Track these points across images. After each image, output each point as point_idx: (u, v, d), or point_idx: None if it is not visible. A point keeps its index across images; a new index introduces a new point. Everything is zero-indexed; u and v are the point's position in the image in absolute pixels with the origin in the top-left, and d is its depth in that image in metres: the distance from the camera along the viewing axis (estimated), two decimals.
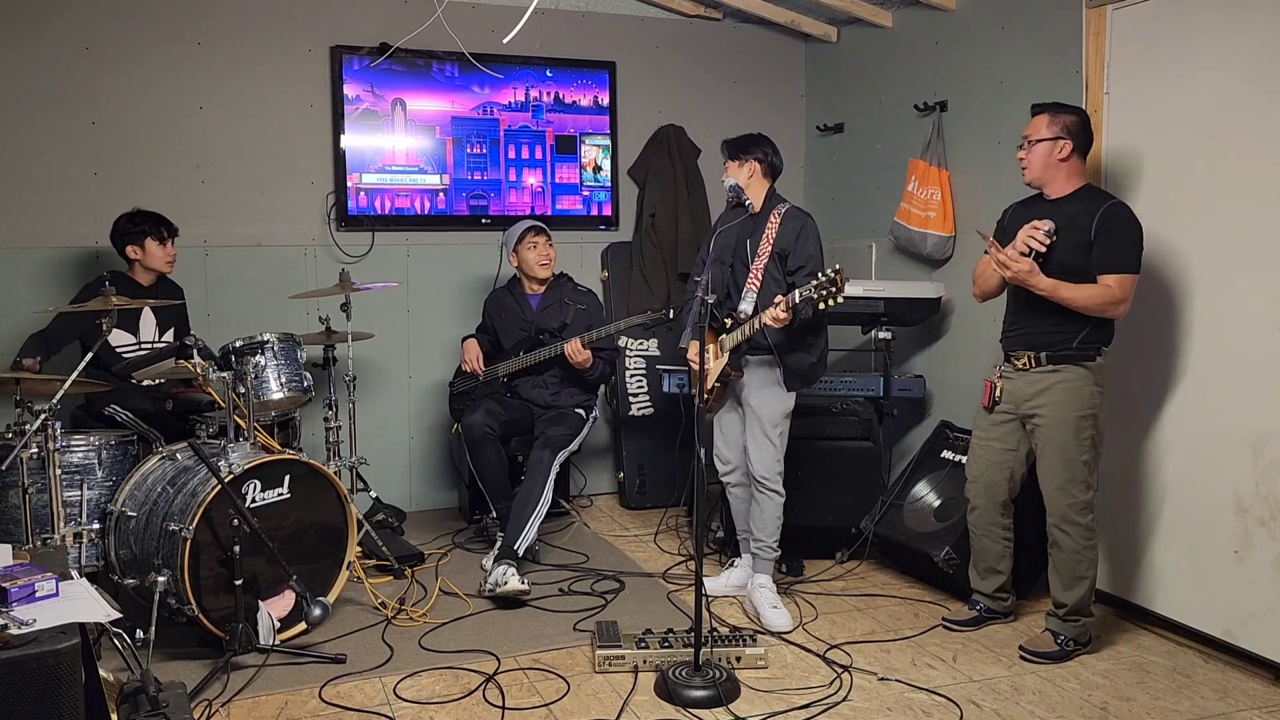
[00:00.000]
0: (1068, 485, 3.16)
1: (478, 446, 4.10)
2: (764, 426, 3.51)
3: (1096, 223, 3.04)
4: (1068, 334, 3.12)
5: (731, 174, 3.53)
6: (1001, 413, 3.30)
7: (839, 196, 5.29)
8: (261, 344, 3.68)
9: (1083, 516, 3.16)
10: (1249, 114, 3.11)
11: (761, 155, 3.53)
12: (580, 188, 5.16)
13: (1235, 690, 3.00)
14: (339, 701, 2.92)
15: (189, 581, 3.02)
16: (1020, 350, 3.22)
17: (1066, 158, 3.12)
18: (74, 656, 1.90)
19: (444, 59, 4.81)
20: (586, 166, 5.15)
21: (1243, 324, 3.14)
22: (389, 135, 4.77)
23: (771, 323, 3.27)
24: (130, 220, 3.97)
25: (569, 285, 4.42)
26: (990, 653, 3.27)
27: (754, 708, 2.87)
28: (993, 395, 3.31)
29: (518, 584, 3.56)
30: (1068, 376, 3.13)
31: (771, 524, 3.58)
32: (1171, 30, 3.33)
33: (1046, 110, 3.16)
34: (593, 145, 5.16)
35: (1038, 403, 3.18)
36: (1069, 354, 3.13)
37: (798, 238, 3.43)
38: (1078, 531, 3.16)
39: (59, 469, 3.18)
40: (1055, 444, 3.15)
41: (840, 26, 5.23)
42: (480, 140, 4.93)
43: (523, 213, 5.01)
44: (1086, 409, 3.14)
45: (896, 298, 4.35)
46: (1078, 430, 3.13)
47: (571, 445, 4.14)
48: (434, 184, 4.88)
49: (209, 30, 4.50)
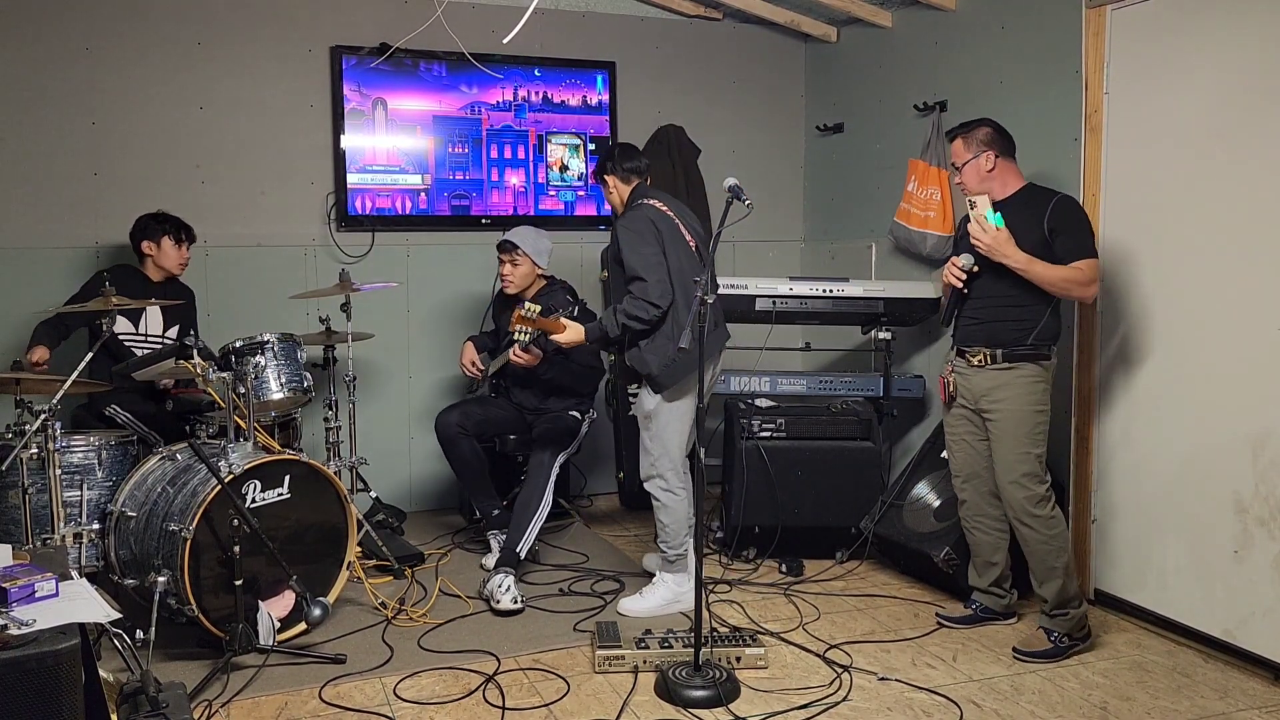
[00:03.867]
0: (1023, 480, 3.21)
1: (449, 445, 4.14)
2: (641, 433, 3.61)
3: (1048, 219, 3.14)
4: (1024, 331, 3.19)
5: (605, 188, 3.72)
6: (960, 406, 3.38)
7: (839, 196, 5.29)
8: (261, 344, 3.68)
9: (1041, 509, 3.21)
10: (1249, 113, 3.11)
11: (612, 166, 3.67)
12: (546, 187, 5.10)
13: (1235, 690, 3.00)
14: (339, 702, 2.92)
15: (189, 581, 3.02)
16: (977, 346, 3.27)
17: (993, 168, 3.23)
18: (74, 656, 1.90)
19: (432, 59, 4.79)
20: (553, 166, 5.10)
21: (1243, 324, 3.14)
22: (369, 135, 4.75)
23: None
24: (154, 218, 4.04)
25: (560, 294, 4.20)
26: (990, 653, 3.27)
27: (754, 708, 2.87)
28: (948, 390, 3.40)
29: (509, 603, 3.56)
30: (1024, 373, 3.21)
31: (659, 527, 3.63)
32: (1171, 30, 3.34)
33: (958, 134, 3.31)
34: (559, 144, 5.09)
35: (993, 398, 3.24)
36: (1024, 351, 3.20)
37: (619, 246, 3.48)
38: (1039, 524, 3.21)
39: (59, 469, 3.18)
40: (1010, 438, 3.22)
41: (840, 27, 5.23)
42: (462, 140, 4.91)
43: (505, 213, 5.00)
44: (1040, 405, 3.22)
45: (896, 298, 4.36)
46: (1032, 425, 3.21)
47: (570, 447, 4.13)
48: (415, 184, 4.85)
49: (209, 30, 4.50)
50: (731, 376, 4.47)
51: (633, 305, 3.38)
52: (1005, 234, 3.11)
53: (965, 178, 3.28)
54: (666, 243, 3.46)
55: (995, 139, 3.25)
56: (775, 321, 4.42)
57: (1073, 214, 3.18)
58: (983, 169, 3.24)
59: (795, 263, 5.56)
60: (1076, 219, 3.18)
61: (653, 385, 3.49)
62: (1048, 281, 3.11)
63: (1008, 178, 3.26)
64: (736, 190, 3.08)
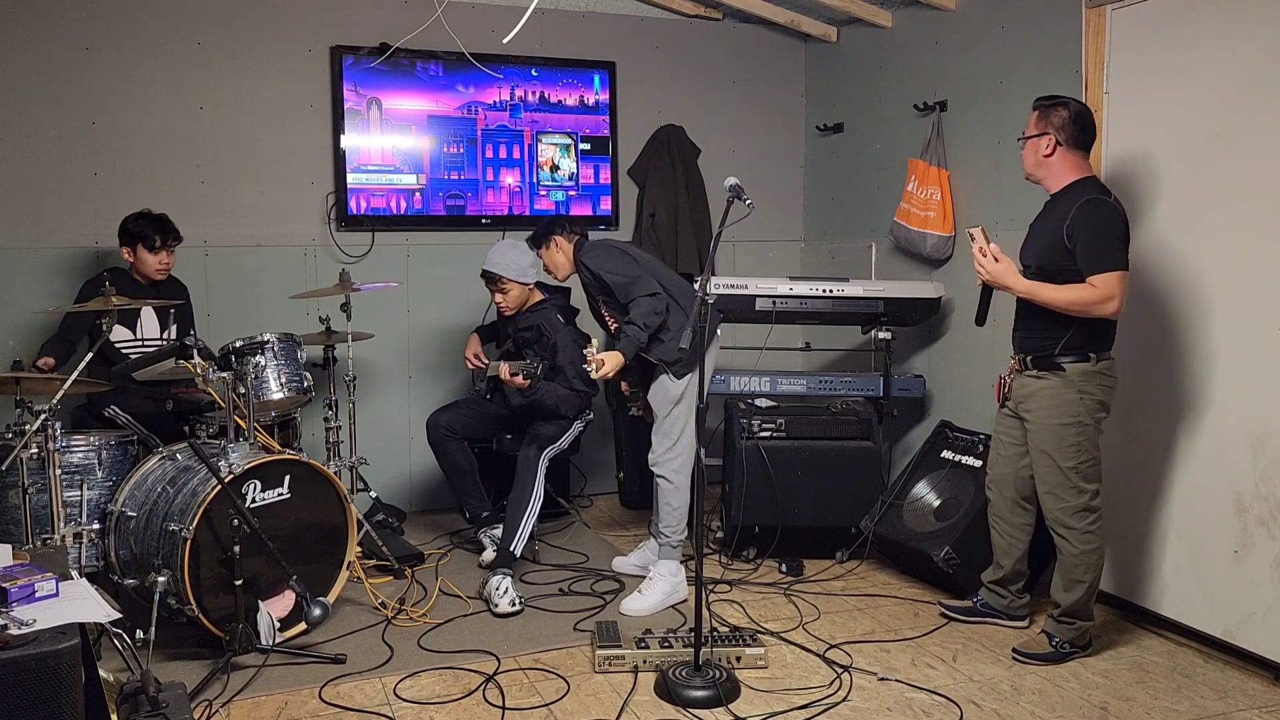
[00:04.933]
0: (1056, 490, 3.16)
1: (437, 446, 4.20)
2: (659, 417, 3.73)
3: (1069, 225, 2.99)
4: (1051, 340, 3.09)
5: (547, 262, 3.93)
6: (1007, 407, 3.33)
7: (839, 196, 5.29)
8: (261, 344, 3.67)
9: (1077, 521, 3.13)
10: (1249, 113, 3.11)
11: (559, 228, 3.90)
12: (537, 188, 5.07)
13: (1235, 690, 3.00)
14: (339, 701, 2.92)
15: (189, 581, 3.02)
16: (1016, 351, 3.25)
17: (1050, 153, 3.07)
18: (74, 656, 1.90)
19: (429, 58, 4.79)
20: (544, 165, 5.08)
21: (1243, 324, 3.14)
22: (364, 135, 4.74)
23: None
24: (134, 222, 3.94)
25: (552, 312, 4.17)
26: (990, 653, 3.27)
27: (754, 708, 2.87)
28: (1003, 391, 3.34)
29: (507, 606, 3.56)
30: (1049, 384, 3.12)
31: (663, 511, 3.73)
32: (1171, 30, 3.33)
33: (1039, 106, 3.13)
34: (549, 144, 5.07)
35: (1028, 406, 3.20)
36: (1049, 361, 3.11)
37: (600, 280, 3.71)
38: (1073, 535, 3.15)
39: (59, 469, 3.18)
40: (1041, 449, 3.17)
41: (840, 26, 5.23)
42: (457, 140, 4.90)
43: (500, 213, 4.99)
44: (1069, 417, 3.09)
45: (896, 298, 4.36)
46: (1060, 438, 3.11)
47: (560, 442, 4.07)
48: (410, 184, 4.85)
49: (209, 31, 4.50)
50: (731, 376, 4.47)
51: (639, 311, 3.58)
52: (1005, 264, 3.08)
53: (1024, 154, 3.15)
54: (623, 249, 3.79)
55: (1067, 125, 3.04)
56: (775, 321, 4.42)
57: (1092, 223, 2.97)
58: (1041, 151, 3.07)
59: (795, 263, 5.56)
60: (1096, 228, 2.97)
61: (676, 371, 3.64)
62: (1057, 305, 3.01)
63: (1063, 170, 3.07)
64: (737, 190, 3.08)
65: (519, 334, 4.21)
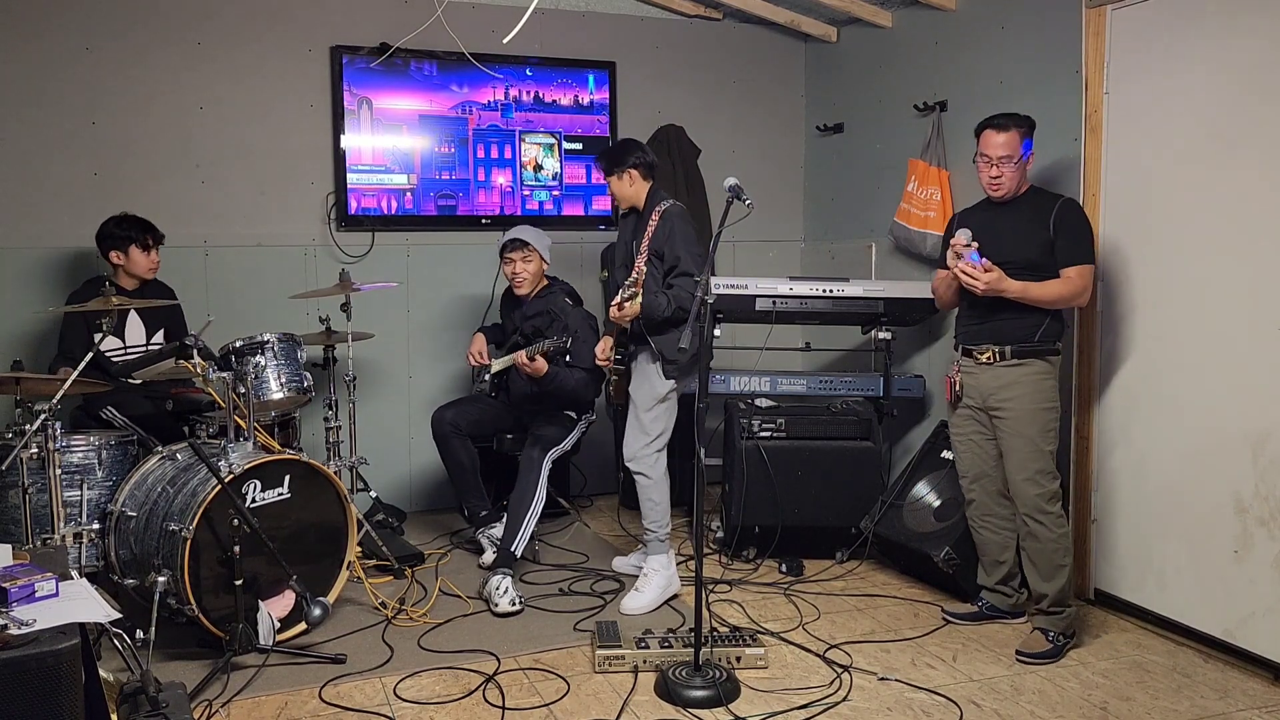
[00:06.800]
0: (1037, 476, 3.22)
1: (442, 441, 4.19)
2: (638, 411, 3.68)
3: (1054, 220, 3.17)
4: (1030, 327, 3.21)
5: (613, 188, 3.78)
6: (966, 406, 3.38)
7: (839, 196, 5.29)
8: (261, 344, 3.68)
9: (1053, 505, 3.24)
10: (1249, 113, 3.11)
11: (636, 160, 3.72)
12: (520, 188, 5.04)
13: (1235, 690, 3.00)
14: (339, 702, 2.92)
15: (189, 581, 3.02)
16: (984, 344, 3.27)
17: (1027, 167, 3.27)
18: (74, 656, 1.90)
19: (423, 58, 4.78)
20: (527, 165, 5.05)
21: (1243, 324, 3.14)
22: (355, 134, 4.72)
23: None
24: (118, 225, 3.92)
25: (559, 296, 4.24)
26: (990, 653, 3.27)
27: (754, 708, 2.87)
28: (954, 390, 3.39)
29: (507, 606, 3.56)
30: (1033, 370, 3.22)
31: (646, 507, 3.73)
32: (1171, 30, 3.33)
33: (1011, 126, 3.19)
34: (533, 144, 5.03)
35: (1002, 396, 3.24)
36: (1032, 348, 3.21)
37: (669, 238, 3.59)
38: (1050, 520, 3.23)
39: (59, 469, 3.18)
40: (1022, 436, 3.22)
41: (840, 27, 5.22)
42: (449, 140, 4.89)
43: (491, 213, 4.98)
44: (1048, 402, 3.23)
45: (896, 298, 4.36)
46: (1044, 422, 3.22)
47: (564, 444, 4.09)
48: (401, 184, 4.83)
49: (209, 31, 4.50)
50: (731, 376, 4.48)
51: (683, 294, 3.50)
52: (997, 273, 3.13)
53: (1010, 173, 3.20)
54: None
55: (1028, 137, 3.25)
56: (775, 321, 4.42)
57: (1076, 218, 3.21)
58: (1025, 169, 3.25)
59: (795, 263, 5.56)
60: (1079, 224, 3.21)
61: (667, 371, 3.61)
62: (1045, 301, 3.17)
63: (1023, 178, 3.28)
64: (737, 190, 3.08)
65: (528, 321, 4.23)
